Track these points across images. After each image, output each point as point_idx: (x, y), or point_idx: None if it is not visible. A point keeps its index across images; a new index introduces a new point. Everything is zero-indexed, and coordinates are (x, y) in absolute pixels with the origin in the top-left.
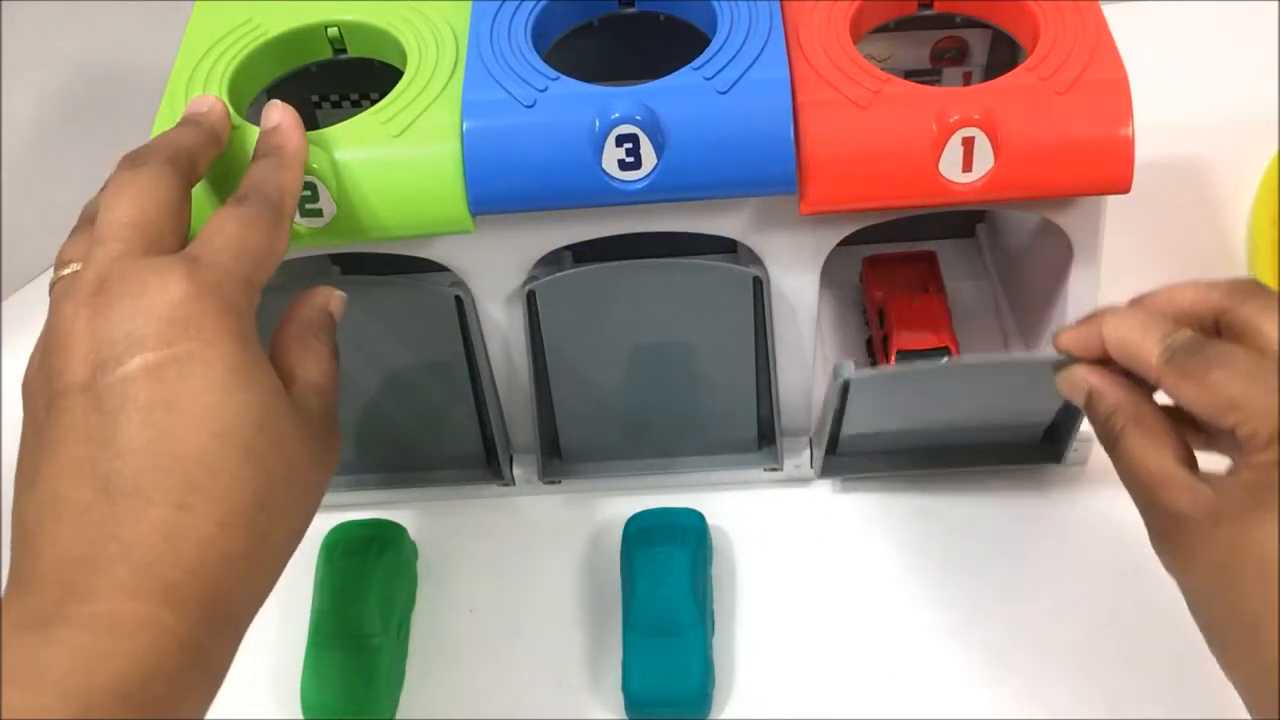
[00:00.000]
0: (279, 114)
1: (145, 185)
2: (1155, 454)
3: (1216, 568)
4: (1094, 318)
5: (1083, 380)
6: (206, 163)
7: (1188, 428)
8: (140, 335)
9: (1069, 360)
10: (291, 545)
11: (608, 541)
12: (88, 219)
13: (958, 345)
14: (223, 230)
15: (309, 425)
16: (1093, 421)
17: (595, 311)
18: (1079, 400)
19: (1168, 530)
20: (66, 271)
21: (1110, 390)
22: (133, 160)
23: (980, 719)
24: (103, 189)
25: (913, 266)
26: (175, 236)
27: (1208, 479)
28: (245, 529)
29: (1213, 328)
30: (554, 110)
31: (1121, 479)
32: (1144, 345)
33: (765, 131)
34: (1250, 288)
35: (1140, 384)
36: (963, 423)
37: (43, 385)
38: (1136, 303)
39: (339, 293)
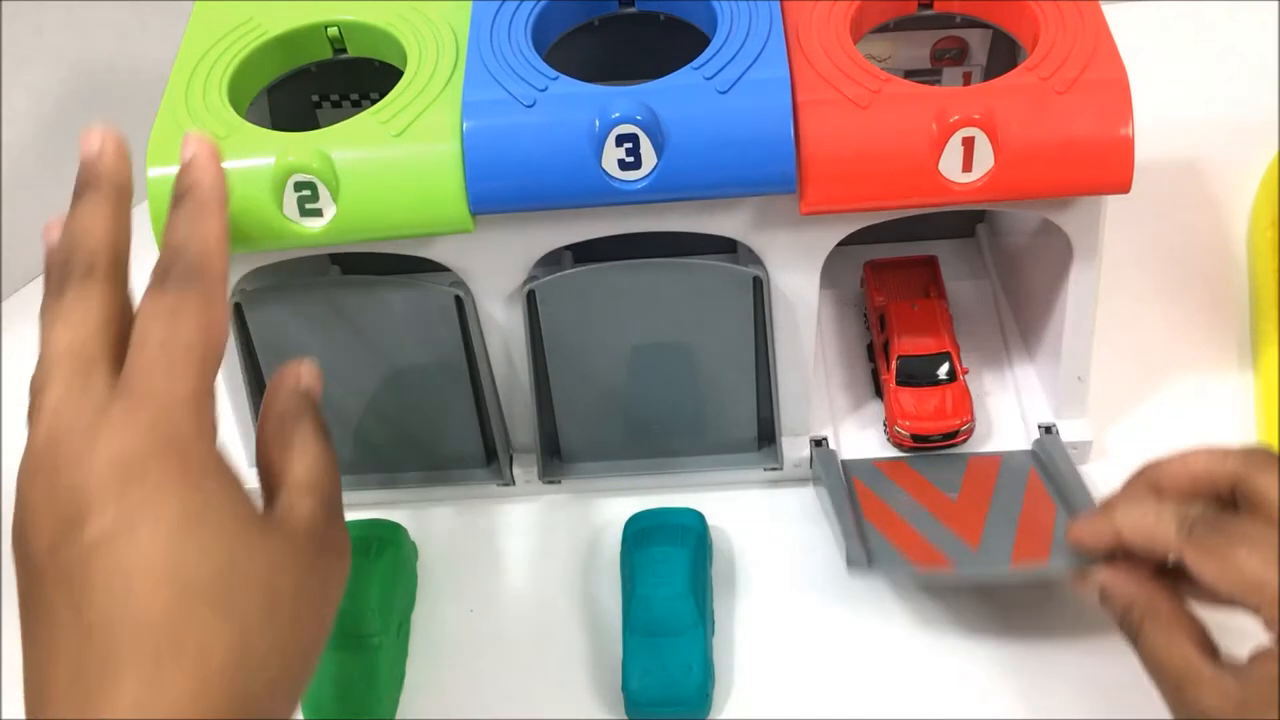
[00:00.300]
0: (193, 146)
1: (73, 314)
2: (1176, 647)
3: None
4: (1104, 510)
5: (1095, 581)
6: (127, 233)
7: (1209, 592)
8: (88, 499)
9: (1083, 564)
10: (296, 677)
11: (608, 541)
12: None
13: (958, 350)
14: (149, 338)
15: (296, 541)
16: (1112, 616)
17: (595, 311)
18: (1091, 596)
19: None
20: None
21: (1123, 586)
22: (56, 288)
23: (979, 719)
24: (41, 312)
25: (914, 271)
26: (114, 351)
27: (1231, 669)
28: (225, 689)
29: (1228, 495)
30: (554, 110)
31: (1145, 669)
32: (1159, 529)
33: (765, 131)
34: (1266, 457)
35: (1151, 570)
36: None
37: (23, 551)
38: (1150, 474)
39: (309, 366)
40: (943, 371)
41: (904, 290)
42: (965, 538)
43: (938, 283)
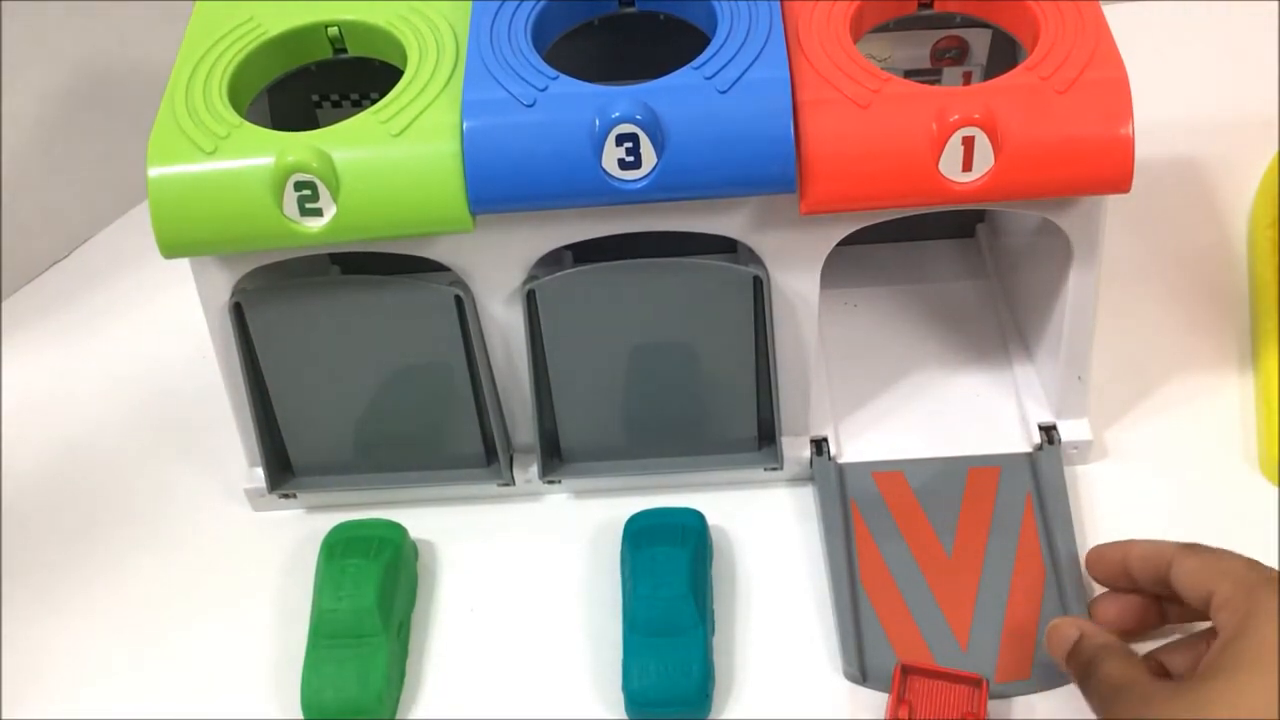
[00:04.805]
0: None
1: None
2: (1133, 669)
3: None
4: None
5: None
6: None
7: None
8: None
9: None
10: None
11: (608, 541)
12: None
13: None
14: None
15: None
16: (1060, 654)
17: (595, 311)
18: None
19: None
20: None
21: (1070, 625)
22: None
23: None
24: None
25: (953, 693)
26: None
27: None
28: None
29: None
30: (554, 110)
31: (1098, 702)
32: (1161, 547)
33: (765, 131)
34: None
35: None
36: None
37: None
38: None
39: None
40: None
41: (935, 715)
42: (955, 629)
43: (978, 711)
